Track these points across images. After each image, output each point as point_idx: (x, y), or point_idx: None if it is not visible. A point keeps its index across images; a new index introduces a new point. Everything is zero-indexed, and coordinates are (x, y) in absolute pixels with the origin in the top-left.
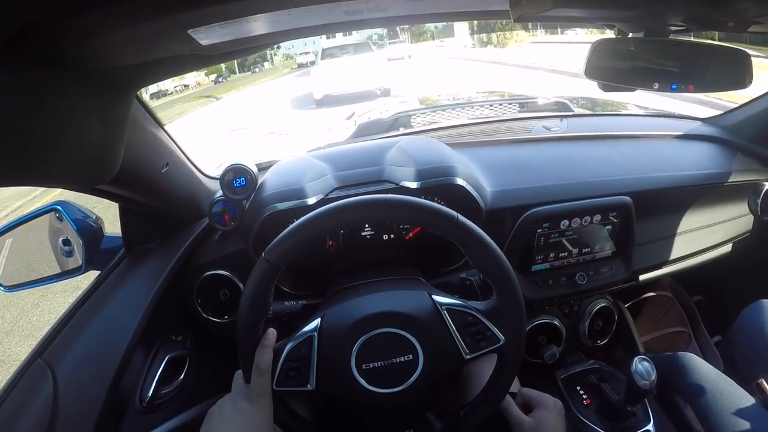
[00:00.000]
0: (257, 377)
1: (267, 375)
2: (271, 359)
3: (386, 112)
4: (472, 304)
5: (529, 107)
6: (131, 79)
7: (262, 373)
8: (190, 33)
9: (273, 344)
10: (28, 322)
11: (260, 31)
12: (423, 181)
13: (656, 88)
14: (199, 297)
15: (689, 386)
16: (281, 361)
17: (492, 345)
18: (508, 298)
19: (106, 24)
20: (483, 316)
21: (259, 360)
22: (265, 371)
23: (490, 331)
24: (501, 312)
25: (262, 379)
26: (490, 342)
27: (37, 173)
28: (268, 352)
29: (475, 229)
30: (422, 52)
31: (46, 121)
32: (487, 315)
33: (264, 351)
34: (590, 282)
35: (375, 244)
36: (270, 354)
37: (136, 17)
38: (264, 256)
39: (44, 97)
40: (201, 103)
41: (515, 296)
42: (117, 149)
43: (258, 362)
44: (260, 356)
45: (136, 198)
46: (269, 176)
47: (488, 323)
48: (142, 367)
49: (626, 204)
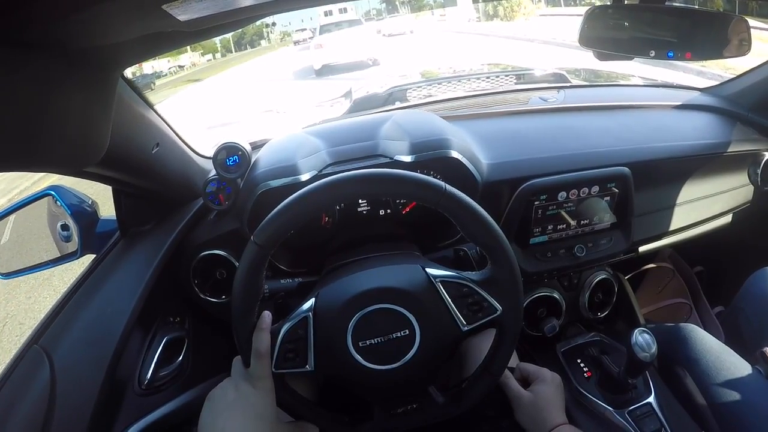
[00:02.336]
0: (257, 361)
1: (266, 358)
2: (269, 342)
3: (382, 87)
4: (466, 275)
5: (526, 79)
6: (113, 58)
7: (262, 356)
8: (165, 8)
9: (269, 327)
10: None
11: (241, 4)
12: (417, 155)
13: (653, 56)
14: (195, 277)
15: (690, 357)
16: (278, 343)
17: (489, 315)
18: (503, 267)
19: (76, 1)
20: (478, 286)
21: (258, 344)
22: (264, 354)
23: (487, 302)
24: (496, 282)
25: (261, 362)
26: (487, 312)
27: (21, 158)
28: (265, 335)
29: (464, 199)
30: (424, 27)
31: (26, 104)
32: (483, 285)
33: (261, 334)
34: (589, 254)
35: (371, 220)
36: (267, 337)
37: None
38: (252, 239)
39: (22, 80)
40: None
41: (510, 265)
42: (103, 131)
43: (256, 346)
44: (258, 340)
45: (128, 180)
46: (262, 154)
47: (484, 293)
48: (140, 349)
49: (624, 175)
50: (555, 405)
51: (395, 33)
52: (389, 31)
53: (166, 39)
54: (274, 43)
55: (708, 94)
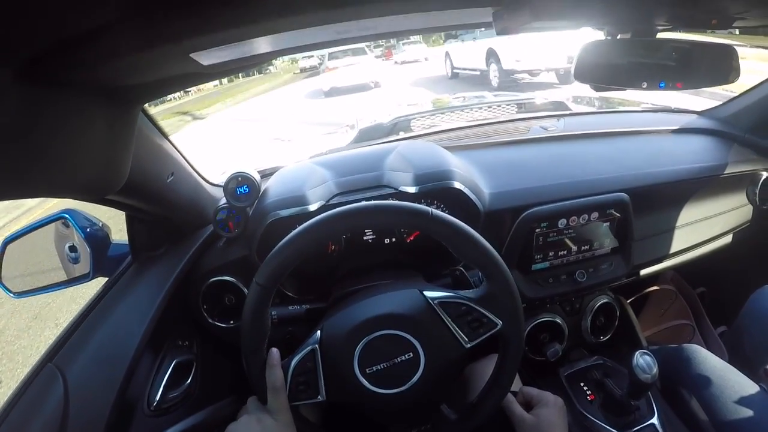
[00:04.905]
0: (274, 396)
1: (283, 392)
2: (282, 377)
3: (387, 117)
4: (463, 294)
5: (527, 107)
6: (137, 95)
7: (278, 391)
8: (192, 56)
9: (279, 362)
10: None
11: (258, 51)
12: (421, 186)
13: (644, 87)
14: (204, 303)
15: (694, 378)
16: (289, 376)
17: (490, 330)
18: (498, 282)
19: (115, 52)
20: (476, 303)
21: (273, 380)
22: (280, 389)
23: (486, 317)
24: (493, 297)
25: (278, 397)
26: (488, 328)
27: (50, 186)
28: (278, 371)
29: (450, 221)
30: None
31: (57, 137)
32: (480, 302)
33: (274, 370)
34: (590, 279)
35: (377, 248)
36: (280, 372)
37: (142, 45)
38: (255, 280)
39: (55, 116)
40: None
41: (504, 279)
42: (125, 161)
43: (272, 382)
44: (272, 376)
45: (143, 207)
46: (272, 183)
47: (482, 310)
48: (150, 371)
49: (623, 201)
50: (558, 428)
51: (409, 60)
52: (402, 59)
53: (185, 79)
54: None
55: (705, 116)
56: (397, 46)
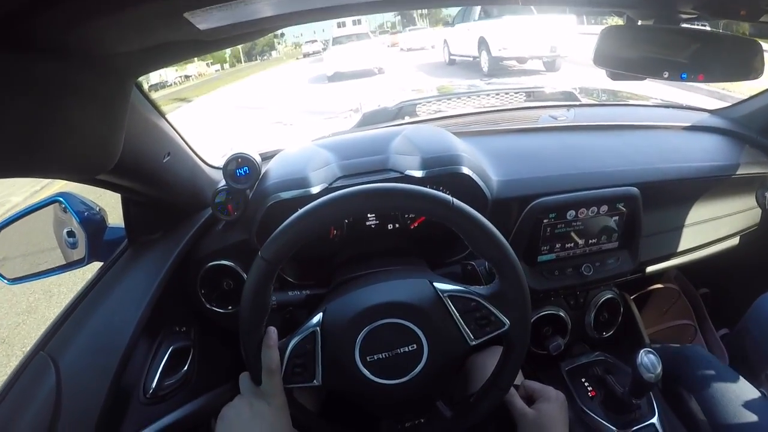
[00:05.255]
0: (268, 378)
1: (278, 375)
2: (278, 358)
3: (392, 101)
4: (474, 290)
5: (536, 96)
6: (129, 66)
7: (273, 373)
8: (187, 16)
9: (277, 343)
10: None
11: (260, 15)
12: (428, 170)
13: (666, 77)
14: (202, 287)
15: (695, 379)
16: (286, 358)
17: (497, 330)
18: (511, 281)
19: (97, 8)
20: (486, 300)
21: (268, 361)
22: (276, 371)
23: (494, 316)
24: (504, 296)
25: (273, 379)
26: (494, 327)
27: (36, 164)
28: (274, 352)
29: (472, 213)
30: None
31: (42, 110)
32: (490, 300)
33: (270, 351)
34: (596, 273)
35: (379, 234)
36: (276, 353)
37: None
38: (260, 255)
39: (39, 86)
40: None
41: (518, 279)
42: (116, 138)
43: (267, 363)
44: (268, 357)
45: (138, 188)
46: (273, 165)
47: (492, 308)
48: (146, 358)
49: (633, 195)
50: (559, 424)
51: (415, 47)
52: (408, 46)
53: (182, 47)
54: (283, 54)
55: (717, 115)
56: (404, 32)
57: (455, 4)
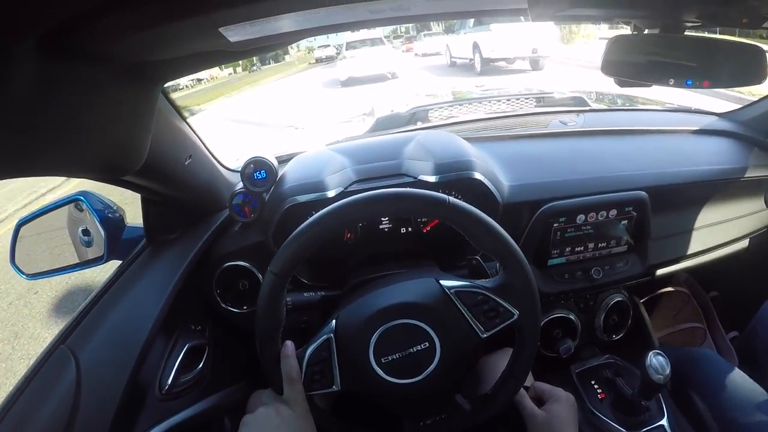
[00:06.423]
0: (290, 386)
1: (299, 383)
2: (298, 367)
3: (405, 106)
4: (479, 283)
5: (546, 102)
6: (159, 73)
7: (294, 381)
8: (221, 31)
9: (294, 352)
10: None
11: (287, 29)
12: (441, 175)
13: (671, 84)
14: (218, 287)
15: (704, 382)
16: (304, 366)
17: (507, 320)
18: (515, 271)
19: (140, 22)
20: (492, 293)
21: (289, 370)
22: (297, 379)
23: (503, 307)
24: (510, 286)
25: (295, 387)
26: (504, 318)
27: (69, 164)
28: (293, 361)
29: (468, 209)
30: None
31: (77, 114)
32: (496, 292)
33: (289, 360)
34: (606, 276)
35: (392, 237)
36: (295, 362)
37: (169, 16)
38: (269, 269)
39: (75, 91)
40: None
41: (521, 269)
42: (144, 141)
43: (288, 372)
44: (288, 367)
45: (160, 189)
46: (289, 169)
47: (499, 299)
48: (162, 355)
49: (642, 199)
50: (568, 425)
51: (429, 52)
52: (423, 51)
53: (209, 57)
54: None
55: (726, 119)
56: (418, 37)
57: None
